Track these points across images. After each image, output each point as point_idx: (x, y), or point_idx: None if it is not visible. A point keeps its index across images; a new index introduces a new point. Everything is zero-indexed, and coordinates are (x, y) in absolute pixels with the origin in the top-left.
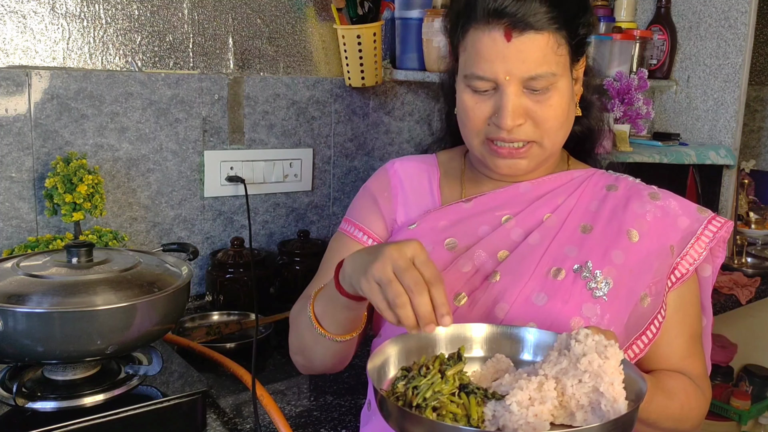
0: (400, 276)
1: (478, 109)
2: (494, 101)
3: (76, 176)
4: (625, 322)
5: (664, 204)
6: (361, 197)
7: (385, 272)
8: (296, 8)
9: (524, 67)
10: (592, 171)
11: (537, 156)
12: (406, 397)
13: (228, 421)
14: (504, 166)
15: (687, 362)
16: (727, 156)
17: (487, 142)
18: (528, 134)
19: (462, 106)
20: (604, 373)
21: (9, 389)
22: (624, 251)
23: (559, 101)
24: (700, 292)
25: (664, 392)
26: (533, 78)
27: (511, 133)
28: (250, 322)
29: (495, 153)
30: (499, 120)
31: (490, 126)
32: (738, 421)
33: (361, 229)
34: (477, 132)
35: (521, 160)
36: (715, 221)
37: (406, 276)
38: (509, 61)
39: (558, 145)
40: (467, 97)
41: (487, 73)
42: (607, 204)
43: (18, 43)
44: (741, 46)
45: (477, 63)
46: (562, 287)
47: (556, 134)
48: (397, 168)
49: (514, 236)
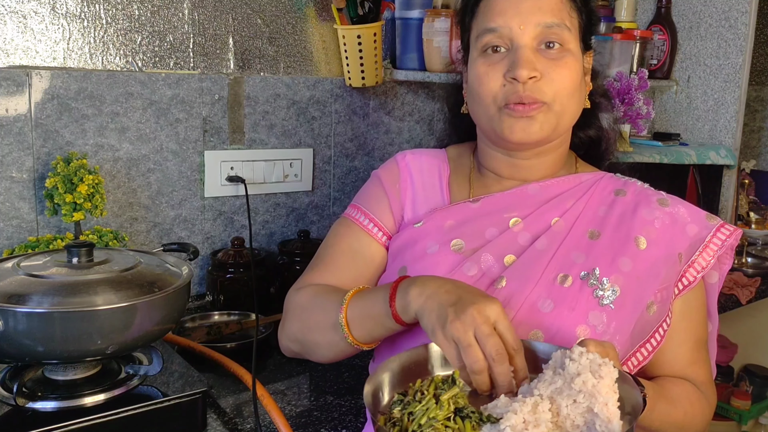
0: (482, 342)
1: (492, 72)
2: (508, 60)
3: (77, 176)
4: (631, 330)
5: (672, 211)
6: (371, 186)
7: (466, 336)
8: (296, 8)
9: (539, 14)
10: (601, 174)
11: (548, 120)
12: (402, 423)
13: (228, 421)
14: (518, 129)
15: (692, 369)
16: (727, 156)
17: (504, 108)
18: (542, 93)
19: (476, 75)
20: (599, 393)
21: (9, 389)
22: (632, 258)
23: (572, 63)
24: (707, 298)
25: (667, 399)
26: (548, 26)
27: (526, 89)
28: (251, 322)
29: (510, 113)
30: (515, 71)
31: (505, 87)
32: (738, 421)
33: (369, 217)
34: (493, 97)
35: (533, 123)
36: (724, 229)
37: (489, 344)
38: (523, 11)
39: (568, 116)
40: (480, 64)
41: (501, 24)
42: (615, 209)
43: (18, 43)
44: (741, 46)
45: (492, 17)
46: (568, 294)
47: (568, 100)
48: (408, 161)
49: (522, 241)
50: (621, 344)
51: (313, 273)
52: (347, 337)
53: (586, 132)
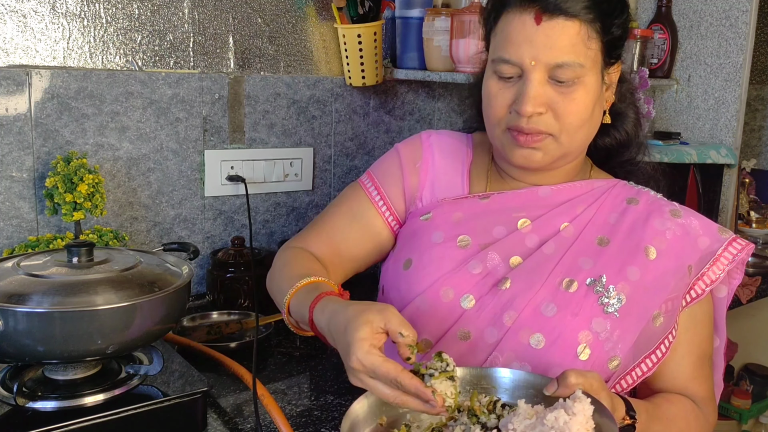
0: (376, 383)
1: (501, 96)
2: (517, 88)
3: (77, 176)
4: (634, 340)
5: (685, 222)
6: (390, 158)
7: (364, 384)
8: (297, 7)
9: (551, 53)
10: (614, 182)
11: (552, 151)
12: None
13: (229, 421)
14: (520, 156)
15: (693, 384)
16: (727, 155)
17: (507, 131)
18: (547, 126)
19: (486, 93)
20: (569, 429)
21: (9, 389)
22: (640, 268)
23: (583, 97)
24: (714, 312)
25: (662, 421)
26: (559, 66)
27: (529, 122)
28: (251, 321)
29: (513, 141)
30: (520, 106)
31: (511, 114)
32: (738, 420)
33: (379, 191)
34: (498, 120)
35: (536, 152)
36: (736, 243)
37: (381, 380)
38: (536, 45)
39: (577, 144)
40: (492, 83)
41: (513, 57)
42: (626, 218)
43: (18, 42)
44: (742, 45)
45: (505, 46)
46: (573, 300)
47: (576, 132)
48: (432, 141)
49: (529, 243)
50: (623, 353)
51: (309, 231)
52: (288, 323)
53: (604, 140)
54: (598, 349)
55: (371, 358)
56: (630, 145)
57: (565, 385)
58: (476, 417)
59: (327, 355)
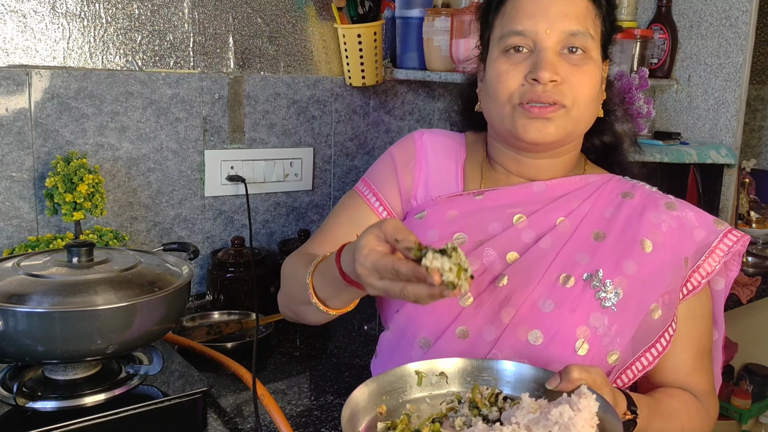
0: (384, 281)
1: (513, 71)
2: (530, 61)
3: (77, 176)
4: (633, 334)
5: (680, 215)
6: (383, 162)
7: (374, 288)
8: (297, 7)
9: (565, 20)
10: (609, 177)
11: (564, 124)
12: None
13: (229, 421)
14: (533, 129)
15: (693, 377)
16: (727, 155)
17: (519, 107)
18: (562, 95)
19: (495, 74)
20: (573, 426)
21: (9, 389)
22: (636, 262)
23: (594, 71)
24: (713, 305)
25: (663, 416)
26: (573, 34)
27: (545, 90)
28: (251, 321)
29: (526, 113)
30: (537, 72)
31: (524, 86)
32: (738, 420)
33: (376, 195)
34: (510, 96)
35: (550, 123)
36: (731, 235)
37: (386, 277)
38: (550, 15)
39: (584, 122)
40: (501, 62)
41: (528, 27)
42: (621, 212)
43: (18, 42)
44: (742, 45)
45: (519, 19)
46: (570, 295)
47: (586, 107)
48: (425, 140)
49: (526, 238)
50: (622, 348)
51: (312, 242)
52: (316, 303)
53: (599, 138)
54: (597, 344)
55: (370, 257)
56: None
57: (568, 379)
58: (477, 409)
59: (327, 355)
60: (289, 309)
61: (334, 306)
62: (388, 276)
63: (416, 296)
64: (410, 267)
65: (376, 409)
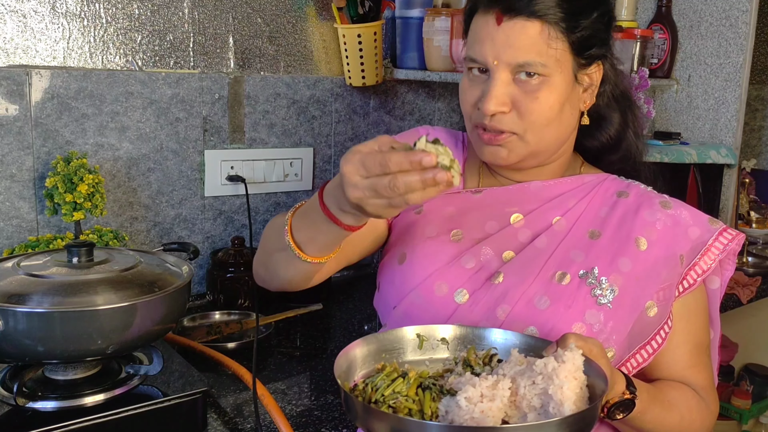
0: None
1: (469, 93)
2: (485, 86)
3: (77, 176)
4: (628, 330)
5: (675, 213)
6: None
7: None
8: (297, 7)
9: (511, 52)
10: (604, 176)
11: (518, 149)
12: (365, 394)
13: (229, 421)
14: (487, 153)
15: (691, 372)
16: (728, 155)
17: (475, 128)
18: (510, 125)
19: (460, 90)
20: (556, 376)
21: (9, 389)
22: (631, 259)
23: (547, 96)
24: (708, 304)
25: (662, 404)
26: (521, 65)
27: (492, 120)
28: (251, 321)
29: (480, 138)
30: (482, 104)
31: (477, 111)
32: (738, 420)
33: None
34: (468, 116)
35: (501, 149)
36: (727, 233)
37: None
38: (497, 45)
39: (546, 143)
40: (464, 81)
41: (478, 56)
42: (616, 211)
43: (18, 42)
44: (742, 45)
45: (472, 45)
46: (565, 292)
47: (542, 131)
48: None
49: (522, 237)
50: (618, 344)
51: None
52: (294, 251)
53: (590, 142)
54: None
55: (358, 154)
56: (617, 149)
57: (564, 347)
58: (471, 367)
59: (327, 355)
60: (260, 263)
61: (310, 253)
62: (375, 171)
63: (407, 185)
64: (402, 153)
65: (375, 365)
